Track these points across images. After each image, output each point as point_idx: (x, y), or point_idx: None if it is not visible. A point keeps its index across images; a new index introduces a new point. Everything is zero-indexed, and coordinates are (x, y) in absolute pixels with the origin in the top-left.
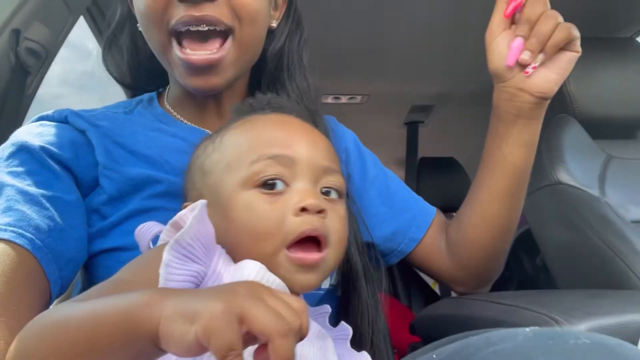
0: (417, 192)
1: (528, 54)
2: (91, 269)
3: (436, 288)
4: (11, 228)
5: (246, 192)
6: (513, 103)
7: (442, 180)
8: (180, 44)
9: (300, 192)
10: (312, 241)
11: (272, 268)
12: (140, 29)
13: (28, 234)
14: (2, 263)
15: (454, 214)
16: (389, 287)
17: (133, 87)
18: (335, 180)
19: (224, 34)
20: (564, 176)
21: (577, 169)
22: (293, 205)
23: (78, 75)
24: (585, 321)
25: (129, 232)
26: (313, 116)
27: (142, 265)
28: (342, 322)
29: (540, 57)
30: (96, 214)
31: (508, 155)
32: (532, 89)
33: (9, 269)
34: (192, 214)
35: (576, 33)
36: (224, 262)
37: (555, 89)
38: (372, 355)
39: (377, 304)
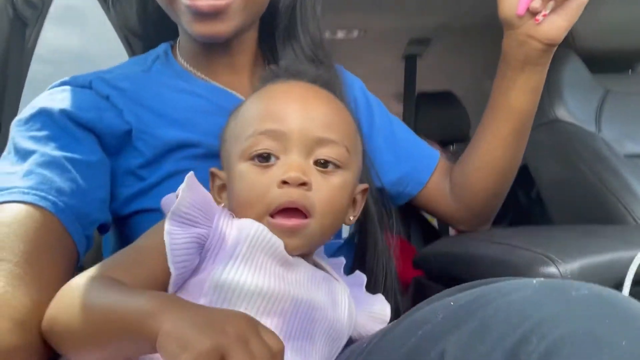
0: (416, 126)
1: (539, 2)
2: (128, 227)
3: (434, 222)
4: (33, 191)
5: (242, 164)
6: (522, 50)
7: (440, 114)
8: None
9: (286, 165)
10: (297, 210)
11: None
12: None
13: (50, 197)
14: (25, 225)
15: (452, 147)
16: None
17: (143, 38)
18: (330, 151)
19: None
20: (562, 113)
21: (575, 106)
22: (278, 177)
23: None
24: (578, 260)
25: (167, 193)
26: (329, 75)
27: (154, 233)
28: (357, 271)
29: (551, 4)
30: (132, 176)
31: (514, 101)
32: (542, 36)
33: (33, 231)
34: (183, 184)
35: None
36: (227, 222)
37: (564, 35)
38: (384, 297)
39: (389, 248)
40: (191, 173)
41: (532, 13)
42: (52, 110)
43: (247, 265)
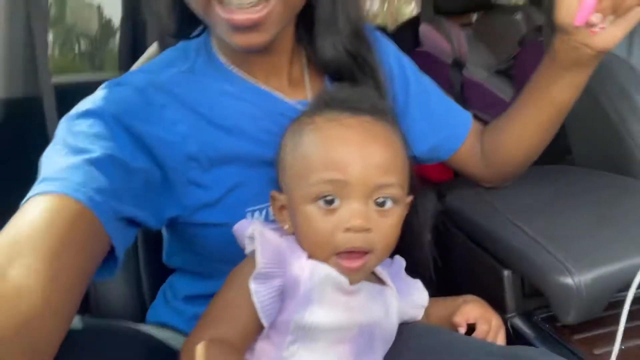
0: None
1: (599, 17)
2: (195, 236)
3: None
4: (74, 185)
5: (307, 206)
6: (573, 54)
7: None
8: (221, 1)
9: (349, 211)
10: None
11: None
12: None
13: (89, 192)
14: (58, 217)
15: (474, 15)
16: None
17: (176, 35)
18: (389, 192)
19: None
20: None
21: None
22: (343, 223)
23: None
24: (592, 271)
25: (232, 206)
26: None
27: (240, 288)
28: (396, 257)
29: (611, 18)
30: (194, 186)
31: (557, 95)
32: (596, 46)
33: (65, 222)
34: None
35: None
36: (297, 265)
37: (618, 43)
38: (415, 265)
39: (422, 227)
40: (259, 229)
41: (589, 24)
42: (104, 111)
43: (322, 306)
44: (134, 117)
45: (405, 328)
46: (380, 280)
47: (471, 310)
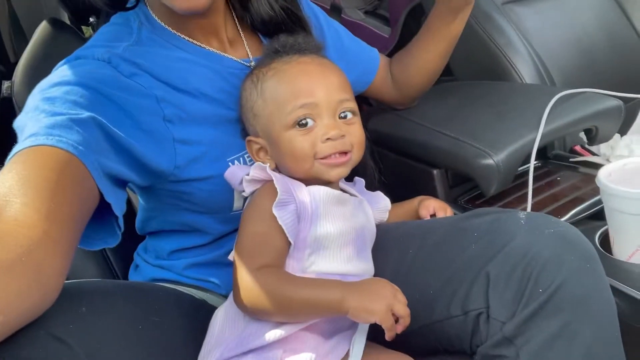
0: None
1: None
2: (184, 191)
3: None
4: (57, 137)
5: (287, 132)
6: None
7: None
8: None
9: (325, 126)
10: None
11: (314, 172)
12: None
13: (72, 142)
14: (45, 167)
15: None
16: None
17: (112, 6)
18: (348, 105)
19: None
20: None
21: None
22: (320, 136)
23: None
24: (504, 151)
25: (215, 158)
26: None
27: (261, 219)
28: (356, 178)
29: None
30: (180, 144)
31: (453, 29)
32: None
33: (52, 172)
34: (264, 173)
35: None
36: (301, 191)
37: None
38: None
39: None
40: (266, 166)
41: None
42: (80, 80)
43: (327, 219)
44: (110, 86)
45: (378, 228)
46: (354, 197)
47: (430, 203)
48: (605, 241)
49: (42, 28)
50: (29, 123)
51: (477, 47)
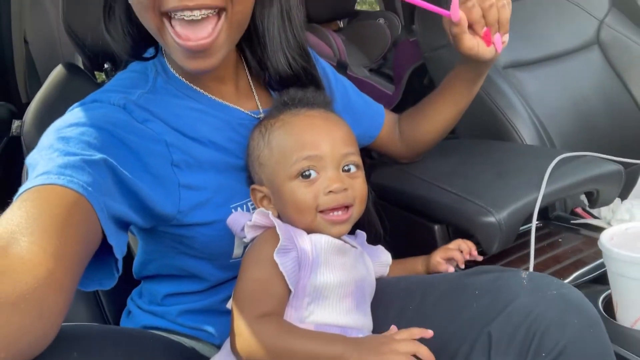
0: (306, 2)
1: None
2: (186, 237)
3: None
4: (68, 177)
5: (291, 183)
6: (490, 65)
7: None
8: (173, 26)
9: (328, 179)
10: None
11: (316, 226)
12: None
13: (82, 183)
14: (54, 206)
15: (340, 23)
16: None
17: (133, 55)
18: (352, 159)
19: (217, 14)
20: None
21: None
22: (323, 189)
23: None
24: (506, 210)
25: (219, 204)
26: (319, 80)
27: (262, 266)
28: (357, 231)
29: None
30: (185, 189)
31: (473, 90)
32: (484, 57)
33: (59, 209)
34: (266, 220)
35: None
36: (302, 239)
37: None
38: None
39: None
40: (269, 212)
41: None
42: (94, 123)
43: (327, 268)
44: (124, 130)
45: (378, 282)
46: (354, 248)
47: (441, 251)
48: (608, 306)
49: (58, 71)
50: (42, 161)
51: (480, 107)
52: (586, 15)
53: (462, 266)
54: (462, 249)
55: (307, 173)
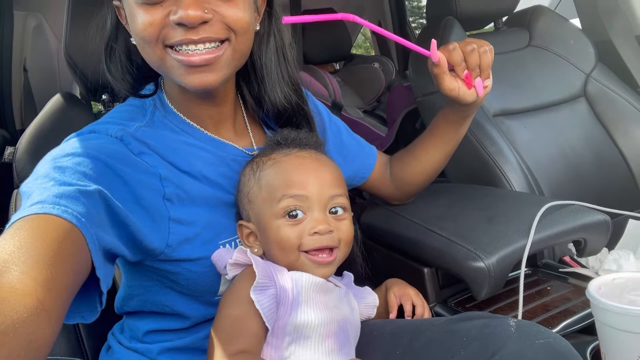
0: (304, 44)
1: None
2: (173, 272)
3: None
4: (63, 207)
5: (277, 221)
6: (474, 109)
7: (323, 32)
8: (177, 50)
9: (314, 220)
10: (325, 248)
11: (299, 266)
12: (134, 42)
13: (76, 214)
14: (48, 236)
15: (337, 65)
16: None
17: (132, 93)
18: (339, 201)
19: (219, 46)
20: None
21: None
22: (308, 229)
23: None
24: (495, 255)
25: (207, 240)
26: (310, 118)
27: (238, 303)
28: (345, 272)
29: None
30: (174, 222)
31: (460, 132)
32: (467, 100)
33: (53, 241)
34: (246, 257)
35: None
36: (282, 276)
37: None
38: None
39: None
40: (247, 250)
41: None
42: (90, 153)
43: (308, 306)
44: (119, 161)
45: (365, 324)
46: (338, 287)
47: (392, 299)
48: (596, 357)
49: (55, 100)
50: (37, 190)
51: (470, 153)
52: (574, 68)
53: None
54: (416, 304)
55: (293, 213)
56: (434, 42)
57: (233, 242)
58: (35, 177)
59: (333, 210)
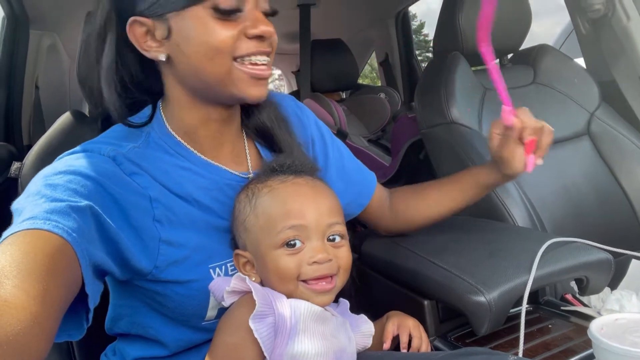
0: (312, 73)
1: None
2: (160, 293)
3: None
4: (53, 223)
5: (275, 251)
6: (509, 180)
7: (332, 61)
8: (242, 62)
9: (312, 249)
10: (325, 277)
11: (298, 295)
12: (162, 58)
13: (67, 229)
14: (39, 251)
15: (343, 94)
16: None
17: (122, 120)
18: (337, 229)
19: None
20: (455, 115)
21: (464, 107)
22: (307, 259)
23: None
24: (497, 290)
25: (197, 263)
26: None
27: (235, 330)
28: (341, 299)
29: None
30: (164, 244)
31: (478, 197)
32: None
33: (45, 256)
34: (244, 285)
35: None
36: (281, 304)
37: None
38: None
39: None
40: (247, 278)
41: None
42: (82, 172)
43: (306, 336)
44: (110, 181)
45: (360, 355)
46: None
47: (389, 328)
48: None
49: (64, 118)
50: (28, 206)
51: None
52: (578, 107)
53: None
54: (413, 336)
55: (292, 242)
56: (506, 108)
57: (224, 266)
58: (27, 194)
59: (331, 237)
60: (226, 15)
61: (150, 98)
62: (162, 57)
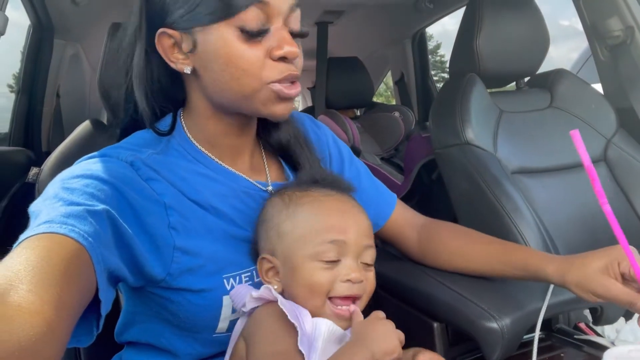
0: (327, 89)
1: None
2: (172, 300)
3: None
4: (70, 227)
5: (310, 263)
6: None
7: (347, 79)
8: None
9: (348, 267)
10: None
11: (321, 313)
12: (187, 71)
13: (83, 233)
14: (54, 255)
15: (357, 111)
16: None
17: (151, 126)
18: (371, 254)
19: None
20: (470, 137)
21: (480, 129)
22: (342, 275)
23: None
24: (509, 316)
25: (211, 272)
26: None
27: (275, 340)
28: None
29: None
30: (179, 251)
31: (516, 279)
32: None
33: (60, 260)
34: (270, 294)
35: None
36: (306, 321)
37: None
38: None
39: None
40: (277, 294)
41: None
42: (99, 176)
43: (324, 356)
44: (127, 186)
45: None
46: None
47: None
48: None
49: (84, 126)
50: (45, 209)
51: (487, 208)
52: (595, 132)
53: None
54: None
55: (329, 257)
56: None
57: (238, 277)
58: (44, 197)
59: (364, 260)
60: (252, 37)
61: (173, 106)
62: (187, 70)
